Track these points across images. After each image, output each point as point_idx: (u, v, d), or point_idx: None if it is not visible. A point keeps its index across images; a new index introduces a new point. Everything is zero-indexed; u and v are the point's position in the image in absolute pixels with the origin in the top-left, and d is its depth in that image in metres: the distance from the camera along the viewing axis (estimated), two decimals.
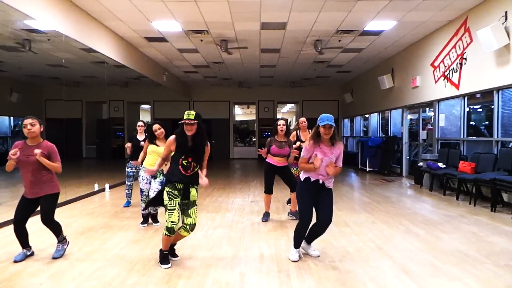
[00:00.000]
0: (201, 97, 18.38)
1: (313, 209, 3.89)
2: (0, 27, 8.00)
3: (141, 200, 5.53)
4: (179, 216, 3.65)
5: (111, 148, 18.22)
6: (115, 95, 17.55)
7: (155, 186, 5.23)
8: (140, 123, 6.65)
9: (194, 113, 3.57)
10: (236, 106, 21.76)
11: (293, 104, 22.04)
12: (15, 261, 3.82)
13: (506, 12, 6.29)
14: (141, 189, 5.47)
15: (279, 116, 22.81)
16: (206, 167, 3.87)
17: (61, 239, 4.02)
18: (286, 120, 5.67)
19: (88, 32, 7.58)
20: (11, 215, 5.77)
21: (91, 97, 17.84)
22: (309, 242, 4.06)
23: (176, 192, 3.63)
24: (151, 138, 5.32)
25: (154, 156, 5.18)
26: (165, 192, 3.64)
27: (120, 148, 18.52)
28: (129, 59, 9.86)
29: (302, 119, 6.69)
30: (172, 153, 3.71)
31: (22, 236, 3.92)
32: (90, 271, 3.61)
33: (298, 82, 16.54)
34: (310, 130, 6.72)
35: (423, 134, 10.43)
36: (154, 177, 5.37)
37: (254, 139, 19.97)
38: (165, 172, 5.15)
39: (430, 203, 7.07)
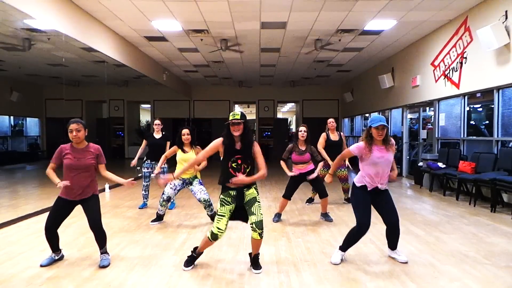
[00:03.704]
0: (201, 97, 18.38)
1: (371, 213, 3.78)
2: (0, 26, 8.00)
3: (160, 203, 5.38)
4: (227, 224, 3.58)
5: (111, 147, 18.23)
6: (115, 94, 17.56)
7: (198, 188, 5.21)
8: (157, 122, 6.65)
9: (239, 113, 3.53)
10: (236, 106, 21.75)
11: (293, 104, 22.03)
12: (42, 266, 3.71)
13: (506, 11, 6.28)
14: (164, 191, 5.32)
15: (279, 115, 22.82)
16: (265, 168, 3.53)
17: (104, 252, 3.82)
18: (306, 126, 5.59)
19: (88, 32, 7.58)
20: (11, 216, 5.83)
21: (91, 96, 17.85)
22: (392, 248, 3.96)
23: (229, 199, 3.61)
24: (180, 143, 5.24)
25: (183, 164, 4.99)
26: (219, 198, 3.64)
27: (120, 148, 18.55)
28: (129, 59, 9.85)
29: (330, 119, 6.60)
30: (221, 158, 3.65)
31: (54, 240, 3.76)
32: (90, 272, 3.61)
33: (298, 81, 16.53)
34: (338, 132, 6.73)
35: (423, 134, 10.41)
36: (189, 183, 5.30)
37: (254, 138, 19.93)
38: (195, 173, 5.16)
39: (430, 204, 7.07)
